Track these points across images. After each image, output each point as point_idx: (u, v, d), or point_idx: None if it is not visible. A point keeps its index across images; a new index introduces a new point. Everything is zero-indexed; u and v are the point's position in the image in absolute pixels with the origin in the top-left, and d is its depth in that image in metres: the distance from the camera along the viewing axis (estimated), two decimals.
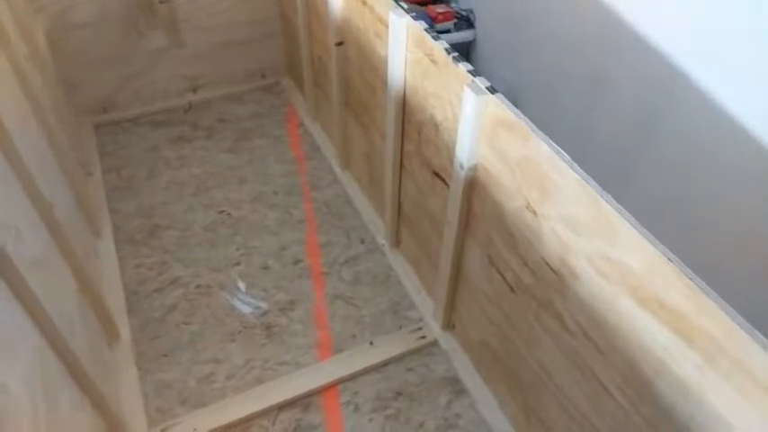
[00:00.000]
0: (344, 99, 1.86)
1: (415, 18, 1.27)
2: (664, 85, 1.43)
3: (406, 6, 1.30)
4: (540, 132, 0.98)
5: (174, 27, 1.88)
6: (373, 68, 1.56)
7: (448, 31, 2.45)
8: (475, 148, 1.15)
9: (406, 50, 1.34)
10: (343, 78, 1.81)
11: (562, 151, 0.94)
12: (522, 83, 2.16)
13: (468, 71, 1.11)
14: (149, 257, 1.79)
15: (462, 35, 2.46)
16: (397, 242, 1.79)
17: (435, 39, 1.20)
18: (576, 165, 0.92)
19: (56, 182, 1.47)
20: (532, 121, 1.00)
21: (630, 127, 1.59)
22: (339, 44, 1.73)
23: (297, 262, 1.79)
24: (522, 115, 1.02)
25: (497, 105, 1.05)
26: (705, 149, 1.38)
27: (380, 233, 1.85)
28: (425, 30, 1.23)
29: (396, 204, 1.68)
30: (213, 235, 1.87)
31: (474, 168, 1.19)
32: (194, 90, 2.36)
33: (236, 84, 2.41)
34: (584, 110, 1.75)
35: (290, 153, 2.18)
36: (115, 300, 1.64)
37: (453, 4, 2.58)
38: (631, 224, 0.82)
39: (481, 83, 1.08)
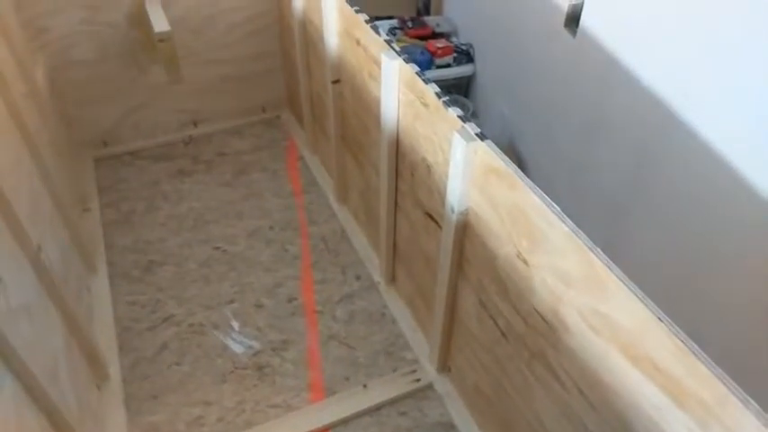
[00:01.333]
0: (341, 135, 1.86)
1: (407, 60, 1.26)
2: (659, 129, 1.41)
3: (398, 49, 1.30)
4: (530, 181, 0.96)
5: (174, 64, 1.89)
6: (367, 107, 1.56)
7: (448, 66, 2.46)
8: (465, 193, 1.13)
9: (399, 92, 1.33)
10: (339, 115, 1.81)
11: (552, 202, 0.92)
12: (520, 118, 2.15)
13: (459, 116, 1.10)
14: (143, 294, 1.78)
15: (462, 69, 2.47)
16: (392, 279, 1.77)
17: (426, 82, 1.20)
18: (565, 216, 0.90)
19: (48, 220, 1.46)
20: (528, 158, 0.98)
21: (625, 169, 1.57)
22: (335, 82, 1.73)
23: (291, 300, 1.77)
24: (512, 163, 1.00)
25: (487, 153, 1.04)
26: (701, 197, 1.35)
27: (376, 270, 1.83)
28: (417, 73, 1.22)
29: (391, 242, 1.66)
30: (208, 271, 1.86)
31: (465, 213, 1.17)
32: (195, 124, 2.37)
33: (237, 117, 2.42)
34: (580, 148, 1.74)
35: (288, 187, 2.18)
36: (106, 338, 1.63)
37: (453, 39, 2.59)
38: (621, 280, 0.80)
39: (471, 129, 1.07)
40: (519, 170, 0.99)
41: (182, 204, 2.09)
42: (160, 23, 1.86)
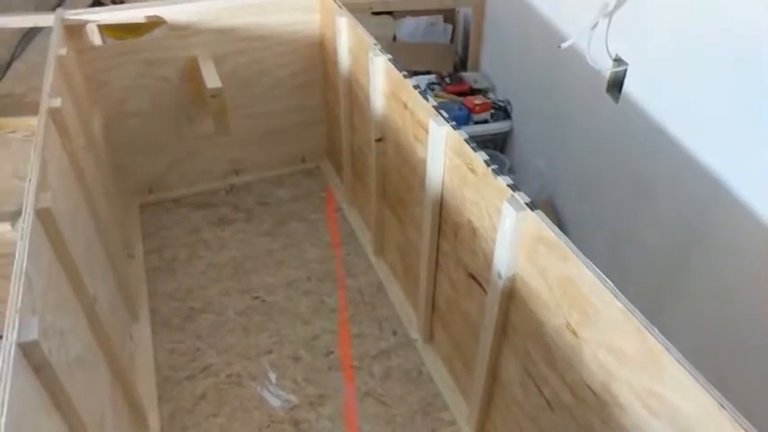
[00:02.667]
0: (382, 191, 1.89)
1: (456, 127, 1.30)
2: (706, 201, 1.41)
3: (446, 116, 1.34)
4: (581, 254, 0.97)
5: (223, 118, 1.97)
6: (411, 167, 1.60)
7: (485, 122, 2.51)
8: (513, 260, 1.14)
9: (445, 156, 1.36)
10: (381, 172, 1.85)
11: (605, 277, 0.92)
12: (558, 177, 2.17)
13: (508, 185, 1.12)
14: (183, 342, 1.80)
15: (499, 126, 2.51)
16: (429, 337, 1.76)
17: (475, 150, 1.23)
18: (619, 292, 0.90)
19: (100, 268, 1.51)
20: (567, 217, 0.99)
21: (670, 240, 1.56)
22: (379, 140, 1.78)
23: (328, 353, 1.78)
24: (563, 234, 1.01)
25: (537, 222, 1.05)
26: (751, 272, 1.34)
27: (413, 326, 1.83)
28: (465, 140, 1.26)
29: (430, 299, 1.67)
30: (247, 321, 1.88)
31: (512, 279, 1.18)
32: (237, 173, 2.44)
33: (277, 167, 2.48)
34: (621, 214, 1.74)
35: (327, 238, 2.21)
36: (146, 386, 1.64)
37: (490, 95, 2.65)
38: (681, 363, 0.79)
39: (521, 198, 1.09)
40: (570, 242, 1.00)
41: (222, 252, 2.14)
42: (212, 80, 1.94)
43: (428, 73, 2.79)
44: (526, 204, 1.08)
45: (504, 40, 2.60)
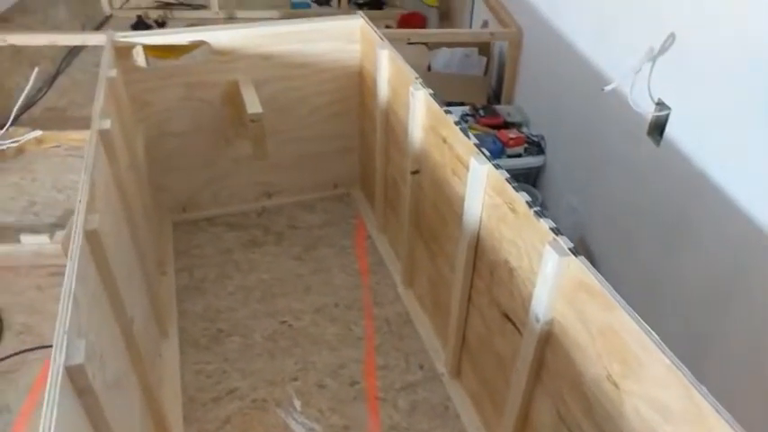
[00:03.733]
0: (415, 222, 1.89)
1: (497, 166, 1.30)
2: (753, 247, 1.38)
3: (487, 153, 1.34)
4: (626, 305, 0.95)
5: (262, 142, 2.00)
6: (447, 202, 1.60)
7: (518, 156, 2.50)
8: (553, 304, 1.13)
9: (485, 194, 1.36)
10: (415, 204, 1.85)
11: (650, 329, 0.91)
12: (592, 214, 2.15)
13: (551, 228, 1.11)
14: (210, 364, 1.81)
15: (532, 160, 2.50)
16: (457, 372, 1.74)
17: (516, 190, 1.23)
18: (665, 346, 0.88)
19: (137, 288, 1.53)
20: (600, 256, 0.98)
21: (710, 285, 1.53)
22: (414, 172, 1.79)
23: (353, 383, 1.77)
24: (607, 283, 1.00)
25: (580, 269, 1.04)
26: None
27: (440, 360, 1.81)
28: (507, 179, 1.26)
29: (460, 335, 1.65)
30: (273, 345, 1.88)
31: (550, 323, 1.16)
32: (269, 195, 2.47)
33: (309, 192, 2.51)
34: (660, 259, 1.71)
35: (356, 265, 2.21)
36: (173, 407, 1.65)
37: (524, 129, 2.65)
38: (729, 424, 0.77)
39: (564, 243, 1.08)
40: (614, 291, 0.98)
41: (252, 275, 2.15)
42: (253, 105, 1.98)
43: (461, 104, 2.81)
44: (569, 250, 1.07)
45: (540, 76, 2.61)
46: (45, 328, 1.92)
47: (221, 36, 2.05)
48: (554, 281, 1.10)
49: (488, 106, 2.80)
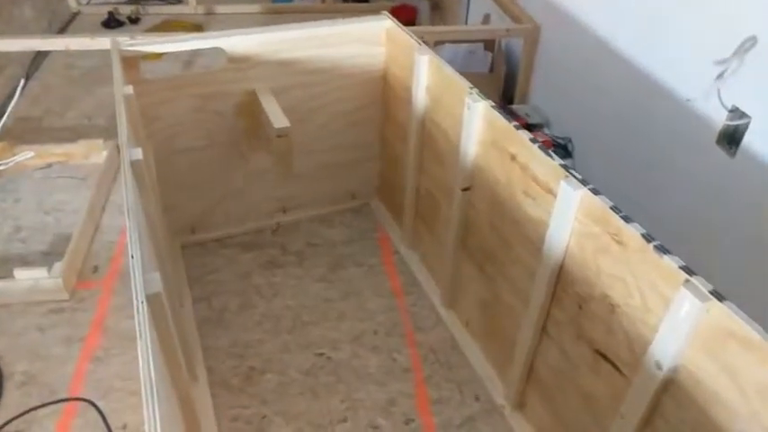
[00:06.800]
0: (462, 242, 1.75)
1: (595, 191, 1.17)
2: None
3: (579, 177, 1.21)
4: None
5: (288, 158, 1.82)
6: (514, 224, 1.46)
7: None
8: (682, 351, 1.01)
9: (575, 220, 1.23)
10: (464, 222, 1.71)
11: None
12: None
13: (681, 267, 0.99)
14: (247, 408, 1.64)
15: None
16: (519, 404, 1.62)
17: (627, 220, 1.10)
18: None
19: None
20: None
21: None
22: (465, 189, 1.65)
23: (408, 421, 1.63)
24: (764, 331, 0.88)
25: (727, 316, 0.92)
26: None
27: (497, 391, 1.68)
28: (611, 208, 1.13)
29: (527, 366, 1.53)
30: (314, 382, 1.72)
31: (674, 370, 1.04)
32: (284, 210, 2.29)
33: (326, 204, 2.33)
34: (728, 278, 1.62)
35: (387, 285, 2.06)
36: None
37: (546, 131, 2.54)
38: None
39: (701, 284, 0.96)
40: None
41: (276, 301, 1.98)
42: (279, 119, 1.79)
43: None
44: (710, 293, 0.95)
45: (562, 75, 2.50)
46: (50, 376, 1.69)
47: (236, 42, 1.85)
48: (689, 326, 0.98)
49: (505, 106, 2.67)
